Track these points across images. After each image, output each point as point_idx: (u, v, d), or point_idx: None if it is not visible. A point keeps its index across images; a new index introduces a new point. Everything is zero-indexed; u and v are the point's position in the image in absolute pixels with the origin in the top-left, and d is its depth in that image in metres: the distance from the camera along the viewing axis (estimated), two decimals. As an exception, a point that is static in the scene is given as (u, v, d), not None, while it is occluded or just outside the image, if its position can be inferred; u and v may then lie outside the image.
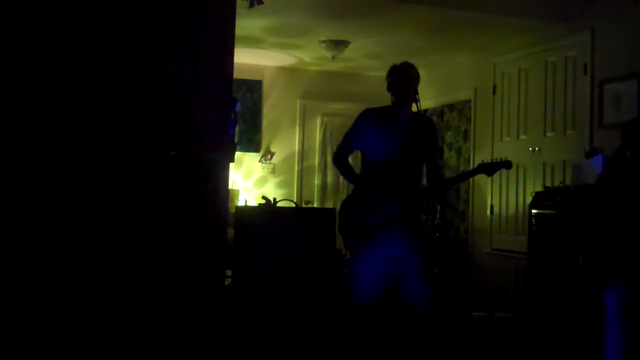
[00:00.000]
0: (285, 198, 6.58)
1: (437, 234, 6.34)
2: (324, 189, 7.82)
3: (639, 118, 3.86)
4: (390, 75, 3.74)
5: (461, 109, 6.94)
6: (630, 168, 3.49)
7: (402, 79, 3.66)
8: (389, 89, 3.74)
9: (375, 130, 3.72)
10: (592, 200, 3.67)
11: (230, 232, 4.32)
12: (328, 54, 6.42)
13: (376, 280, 3.63)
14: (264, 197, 4.91)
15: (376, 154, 3.71)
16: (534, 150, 5.78)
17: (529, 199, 5.26)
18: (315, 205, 7.57)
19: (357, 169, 3.91)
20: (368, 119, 3.79)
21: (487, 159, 6.22)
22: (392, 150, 3.65)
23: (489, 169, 3.76)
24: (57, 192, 3.56)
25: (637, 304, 3.39)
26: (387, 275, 3.64)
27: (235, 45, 4.13)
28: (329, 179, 7.82)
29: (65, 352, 3.49)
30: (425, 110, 7.18)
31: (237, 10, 4.15)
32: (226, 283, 4.36)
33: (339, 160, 3.84)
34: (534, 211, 5.02)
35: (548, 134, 5.71)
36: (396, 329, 3.92)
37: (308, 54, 6.97)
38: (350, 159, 3.90)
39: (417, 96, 3.65)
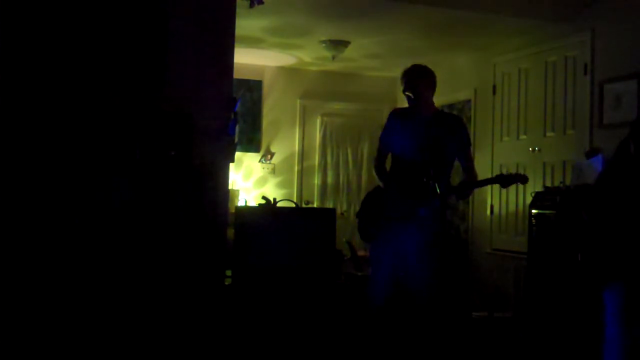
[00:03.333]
0: (285, 198, 6.58)
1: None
2: (324, 189, 7.81)
3: None
4: (402, 78, 3.85)
5: (461, 109, 6.94)
6: (632, 163, 3.50)
7: (411, 80, 3.77)
8: (403, 92, 3.84)
9: (398, 129, 3.86)
10: (592, 196, 3.67)
11: (230, 232, 4.32)
12: (328, 54, 6.42)
13: (389, 276, 3.72)
14: (264, 197, 4.91)
15: (399, 152, 3.84)
16: (534, 150, 5.78)
17: (529, 199, 5.25)
18: (315, 205, 7.57)
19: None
20: (393, 118, 3.94)
21: (487, 158, 6.30)
22: (413, 148, 3.75)
23: (505, 180, 3.78)
24: (57, 192, 3.56)
25: (636, 303, 3.39)
26: (400, 270, 3.70)
27: (235, 45, 4.14)
28: (329, 179, 7.82)
29: (66, 352, 3.49)
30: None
31: (237, 10, 4.15)
32: (226, 283, 4.36)
33: (377, 166, 4.01)
34: (534, 211, 5.02)
35: (548, 134, 5.71)
36: (400, 326, 3.94)
37: (308, 54, 6.97)
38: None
39: (424, 97, 3.76)
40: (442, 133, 3.75)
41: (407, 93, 3.78)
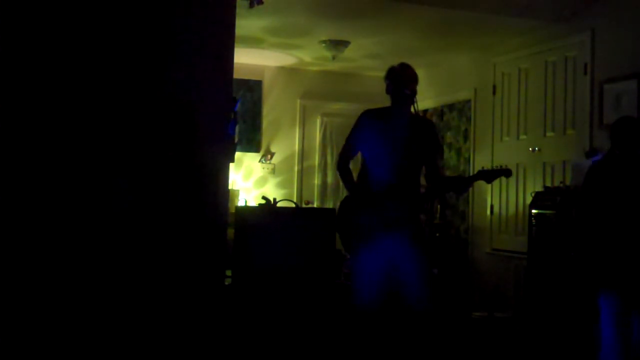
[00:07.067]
0: (285, 198, 6.59)
1: (437, 234, 6.34)
2: (324, 189, 7.82)
3: (625, 118, 3.90)
4: (388, 79, 3.75)
5: (461, 109, 6.94)
6: (618, 163, 3.54)
7: (400, 81, 3.67)
8: (387, 91, 3.76)
9: (374, 131, 3.73)
10: (580, 196, 3.70)
11: (230, 232, 4.32)
12: (328, 54, 6.42)
13: (376, 282, 3.62)
14: (264, 197, 4.91)
15: (374, 155, 3.71)
16: (534, 150, 5.78)
17: (529, 199, 5.26)
18: (315, 205, 7.57)
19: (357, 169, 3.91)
20: (367, 119, 3.80)
21: (487, 158, 6.30)
22: (390, 151, 3.65)
23: (488, 176, 3.72)
24: (57, 192, 3.56)
25: (629, 309, 3.43)
26: (386, 276, 3.63)
27: (235, 45, 4.13)
28: (329, 179, 7.83)
29: (65, 352, 3.49)
30: (425, 111, 7.21)
31: (237, 10, 4.15)
32: (226, 283, 4.36)
33: (340, 165, 3.84)
34: (534, 211, 5.02)
35: (548, 134, 5.71)
36: (396, 329, 3.92)
37: (308, 54, 6.97)
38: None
39: (414, 98, 3.66)
40: (419, 137, 3.70)
41: (409, 95, 3.64)
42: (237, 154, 5.05)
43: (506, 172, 3.72)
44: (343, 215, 3.80)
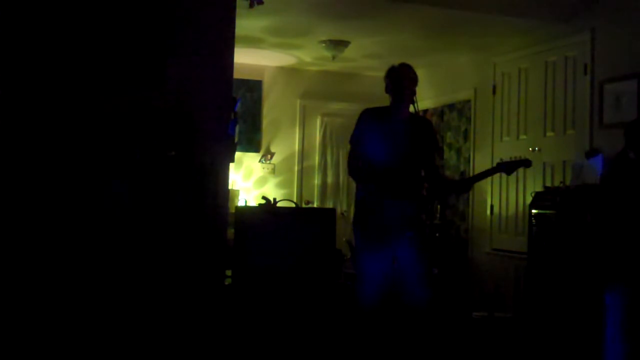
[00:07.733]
0: (285, 198, 6.59)
1: (437, 234, 6.34)
2: (324, 189, 7.81)
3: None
4: (387, 77, 3.76)
5: (461, 109, 6.94)
6: (633, 168, 3.51)
7: (400, 81, 3.68)
8: (387, 90, 3.77)
9: (373, 129, 3.74)
10: (595, 200, 3.68)
11: (230, 232, 4.32)
12: (328, 54, 6.42)
13: (378, 281, 3.64)
14: (264, 197, 4.91)
15: (375, 154, 3.72)
16: (534, 150, 5.78)
17: (529, 199, 5.25)
18: (315, 205, 7.57)
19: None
20: (367, 118, 3.82)
21: (488, 159, 6.30)
22: (390, 151, 3.66)
23: (508, 167, 3.70)
24: (57, 192, 3.56)
25: (638, 305, 3.41)
26: (388, 275, 3.65)
27: (235, 45, 4.14)
28: (329, 179, 7.82)
29: (65, 352, 3.49)
30: (425, 111, 7.20)
31: (237, 10, 4.15)
32: (226, 283, 4.36)
33: (354, 166, 3.81)
34: (534, 211, 5.02)
35: (548, 134, 5.71)
36: (397, 328, 3.92)
37: (308, 54, 6.97)
38: None
39: (414, 97, 3.67)
40: (418, 137, 3.71)
41: (408, 95, 3.67)
42: (237, 154, 5.04)
43: (526, 163, 3.70)
44: (358, 212, 3.81)
